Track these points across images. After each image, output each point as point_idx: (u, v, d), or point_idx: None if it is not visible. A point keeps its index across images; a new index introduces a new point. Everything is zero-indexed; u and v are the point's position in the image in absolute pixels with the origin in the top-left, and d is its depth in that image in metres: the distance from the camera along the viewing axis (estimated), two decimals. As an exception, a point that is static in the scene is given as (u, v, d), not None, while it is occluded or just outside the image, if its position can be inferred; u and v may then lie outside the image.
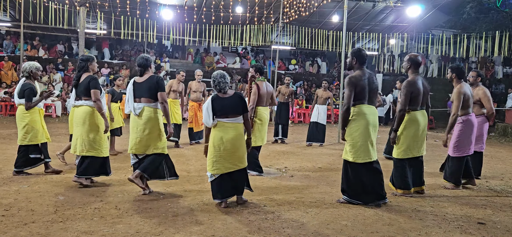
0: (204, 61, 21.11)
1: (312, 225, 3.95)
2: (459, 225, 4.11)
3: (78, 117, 5.15)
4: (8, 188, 4.90)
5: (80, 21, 14.56)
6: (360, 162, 4.60)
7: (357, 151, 4.59)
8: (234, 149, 4.45)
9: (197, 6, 17.41)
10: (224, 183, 4.45)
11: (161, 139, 4.86)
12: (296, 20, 18.25)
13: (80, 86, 5.15)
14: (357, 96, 4.61)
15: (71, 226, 3.67)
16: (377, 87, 4.80)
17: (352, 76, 4.65)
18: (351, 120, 4.65)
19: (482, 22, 18.90)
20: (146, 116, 4.77)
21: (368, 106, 4.66)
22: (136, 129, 4.80)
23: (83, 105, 5.14)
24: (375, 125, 4.70)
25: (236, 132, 4.48)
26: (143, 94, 4.81)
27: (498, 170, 7.37)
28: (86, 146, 5.10)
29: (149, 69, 4.92)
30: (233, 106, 4.47)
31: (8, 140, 8.82)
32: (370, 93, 4.67)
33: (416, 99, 5.09)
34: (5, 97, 15.06)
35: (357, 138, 4.59)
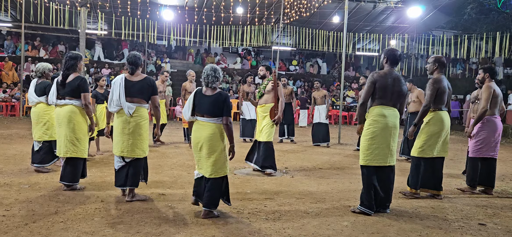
0: (205, 62, 21.13)
1: (312, 225, 3.95)
2: (460, 226, 4.10)
3: (63, 116, 4.96)
4: (9, 188, 4.90)
5: (81, 22, 14.57)
6: (374, 165, 4.37)
7: (371, 153, 4.37)
8: (207, 150, 4.05)
9: (198, 7, 17.42)
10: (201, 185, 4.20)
11: (146, 142, 4.72)
12: (297, 21, 18.26)
13: (67, 86, 4.95)
14: (377, 95, 4.39)
15: (72, 226, 3.67)
16: (401, 91, 4.45)
17: (374, 72, 4.48)
18: (369, 120, 4.44)
19: (483, 23, 18.87)
20: (138, 117, 4.59)
21: (389, 108, 4.40)
22: (128, 130, 4.55)
23: (67, 104, 4.97)
24: (395, 128, 4.43)
25: (212, 132, 4.06)
26: (136, 95, 4.60)
27: (499, 171, 7.34)
28: (70, 147, 4.93)
29: (140, 68, 4.75)
30: (212, 106, 4.07)
31: (9, 140, 8.82)
32: (393, 95, 4.40)
33: (441, 97, 5.00)
34: (5, 97, 15.07)
35: (373, 139, 4.36)
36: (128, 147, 4.56)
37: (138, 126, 4.58)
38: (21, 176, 5.58)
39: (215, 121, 4.08)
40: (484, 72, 5.62)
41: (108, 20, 17.53)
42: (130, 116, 4.55)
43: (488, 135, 5.51)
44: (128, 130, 4.56)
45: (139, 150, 4.60)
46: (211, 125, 4.07)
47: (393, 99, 4.43)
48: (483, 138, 5.51)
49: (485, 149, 5.53)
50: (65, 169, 4.94)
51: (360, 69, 23.48)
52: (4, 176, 5.54)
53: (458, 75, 21.32)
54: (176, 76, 19.43)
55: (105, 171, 6.02)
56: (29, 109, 15.01)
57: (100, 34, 18.52)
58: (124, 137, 4.57)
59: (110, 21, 17.38)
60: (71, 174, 4.94)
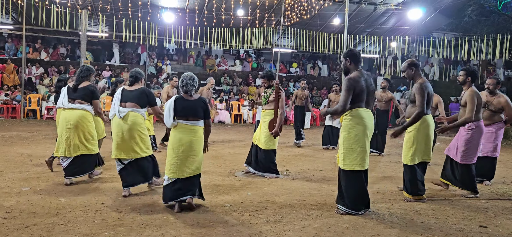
0: (206, 64, 21.14)
1: (313, 228, 3.94)
2: (461, 228, 4.10)
3: (72, 120, 5.38)
4: (10, 190, 4.90)
5: (82, 24, 14.59)
6: (357, 169, 4.34)
7: (355, 158, 4.34)
8: (192, 152, 4.39)
9: (199, 9, 17.44)
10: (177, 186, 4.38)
11: (145, 142, 5.04)
12: (297, 23, 18.27)
13: (79, 90, 5.47)
14: (355, 99, 4.33)
15: (72, 229, 3.67)
16: (374, 89, 4.55)
17: (350, 77, 4.34)
18: (347, 125, 4.38)
19: (483, 25, 18.86)
20: (131, 121, 4.91)
21: (366, 110, 4.42)
22: (122, 134, 4.89)
23: (78, 109, 5.43)
24: (371, 130, 4.46)
25: (195, 135, 4.42)
26: (131, 100, 4.99)
27: (500, 173, 7.34)
28: (81, 147, 5.41)
29: (140, 83, 5.17)
30: (195, 109, 4.42)
31: (10, 142, 8.83)
32: (368, 96, 4.42)
33: (429, 102, 4.97)
34: (6, 99, 15.10)
35: (356, 143, 4.33)
36: (121, 149, 4.94)
37: (131, 129, 4.91)
38: (22, 178, 5.59)
39: (199, 125, 4.47)
40: (466, 75, 5.49)
41: (109, 23, 17.56)
42: (121, 119, 4.91)
43: (477, 141, 5.48)
44: (123, 133, 4.91)
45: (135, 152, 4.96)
46: (196, 128, 4.45)
47: (367, 100, 4.43)
48: (474, 144, 5.45)
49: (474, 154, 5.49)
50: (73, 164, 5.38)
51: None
52: (5, 178, 5.54)
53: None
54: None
55: (105, 173, 6.02)
56: (31, 111, 15.04)
57: (101, 37, 18.54)
58: (118, 140, 4.93)
59: (111, 23, 17.40)
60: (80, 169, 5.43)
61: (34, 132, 10.96)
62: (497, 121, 6.12)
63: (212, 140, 10.32)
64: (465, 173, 5.47)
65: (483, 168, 6.20)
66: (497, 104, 6.04)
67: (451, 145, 5.71)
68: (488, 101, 6.13)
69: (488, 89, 6.13)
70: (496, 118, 6.11)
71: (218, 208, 4.51)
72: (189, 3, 17.24)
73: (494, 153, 6.23)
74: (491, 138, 6.18)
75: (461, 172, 5.50)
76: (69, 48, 20.27)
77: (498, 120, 6.12)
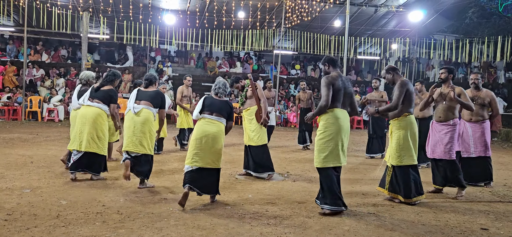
0: (206, 66, 21.16)
1: (314, 230, 3.94)
2: (462, 231, 4.09)
3: (89, 116, 5.67)
4: (11, 192, 4.91)
5: (83, 26, 14.63)
6: (331, 166, 4.47)
7: (328, 155, 4.44)
8: (214, 146, 4.71)
9: (200, 11, 17.48)
10: (198, 176, 4.67)
11: (152, 140, 5.41)
12: (298, 25, 18.29)
13: (100, 91, 5.79)
14: (332, 98, 4.47)
15: (73, 231, 3.67)
16: (351, 92, 4.66)
17: (328, 75, 4.56)
18: (323, 124, 4.51)
19: (484, 27, 18.88)
20: (143, 116, 5.33)
21: (342, 111, 4.55)
22: (133, 127, 5.30)
23: (95, 106, 5.71)
24: (347, 131, 4.55)
25: (218, 129, 4.78)
26: (145, 99, 5.44)
27: (501, 175, 7.34)
28: (92, 143, 5.63)
29: (154, 86, 5.62)
30: (221, 108, 4.87)
31: (11, 144, 8.84)
32: (345, 97, 4.56)
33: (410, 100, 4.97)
34: (7, 101, 15.13)
35: (330, 142, 4.44)
36: (131, 142, 5.30)
37: (144, 124, 5.30)
38: (23, 180, 5.59)
39: (222, 121, 4.85)
40: (448, 72, 5.57)
41: (110, 25, 17.59)
42: (135, 114, 5.33)
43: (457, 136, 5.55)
44: (134, 127, 5.30)
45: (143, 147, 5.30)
46: (219, 123, 4.82)
47: (344, 102, 4.57)
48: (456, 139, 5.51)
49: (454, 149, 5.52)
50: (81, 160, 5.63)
51: (362, 73, 23.48)
52: (6, 180, 5.55)
53: (460, 79, 21.30)
54: (178, 80, 19.46)
55: (107, 176, 6.02)
56: (31, 113, 15.07)
57: (102, 39, 18.58)
58: (130, 133, 5.31)
59: (112, 25, 17.44)
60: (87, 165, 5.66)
61: (35, 134, 10.97)
62: (485, 118, 6.11)
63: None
64: (455, 169, 5.48)
65: (478, 169, 6.16)
66: (486, 96, 6.04)
67: (432, 147, 5.64)
68: (476, 96, 6.10)
69: (474, 84, 6.14)
70: (484, 114, 6.10)
71: (219, 210, 4.51)
72: (190, 5, 17.28)
73: (487, 152, 6.13)
74: (482, 136, 6.12)
75: (451, 168, 5.48)
76: (70, 50, 20.31)
77: (486, 116, 6.11)
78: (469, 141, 6.17)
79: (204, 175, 4.69)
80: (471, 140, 6.16)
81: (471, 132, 6.16)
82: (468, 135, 6.19)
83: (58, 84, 16.95)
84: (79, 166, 5.65)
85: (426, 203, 5.12)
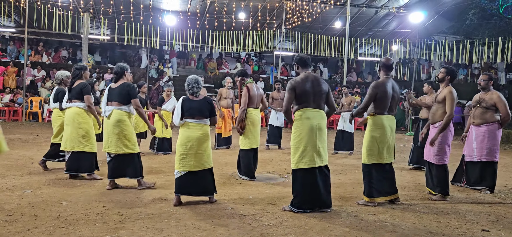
0: (207, 67, 21.16)
1: (315, 231, 3.94)
2: (463, 232, 4.09)
3: (69, 117, 5.75)
4: (11, 193, 4.91)
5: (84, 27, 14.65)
6: (302, 167, 4.48)
7: (299, 156, 4.48)
8: (200, 148, 4.71)
9: (200, 12, 17.49)
10: (187, 181, 4.70)
11: (130, 139, 5.27)
12: (299, 26, 18.30)
13: (73, 90, 5.79)
14: (300, 100, 4.55)
15: (73, 232, 3.67)
16: (323, 90, 4.63)
17: (292, 80, 4.61)
18: (294, 124, 4.59)
19: (485, 28, 18.87)
20: (114, 118, 5.25)
21: (313, 110, 4.56)
22: (107, 129, 5.29)
23: (73, 106, 5.75)
24: (320, 129, 4.54)
25: (202, 132, 4.75)
26: (114, 98, 5.31)
27: (502, 177, 7.32)
28: (76, 142, 5.70)
29: (124, 77, 5.40)
30: (200, 109, 4.76)
31: (12, 145, 8.84)
32: (315, 96, 4.57)
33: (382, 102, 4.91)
34: (8, 102, 15.14)
35: (300, 143, 4.50)
36: (109, 143, 5.27)
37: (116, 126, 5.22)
38: (23, 181, 5.59)
39: (205, 123, 4.78)
40: (447, 73, 5.35)
41: (110, 26, 17.61)
42: (107, 118, 5.30)
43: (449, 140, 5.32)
44: (108, 129, 5.26)
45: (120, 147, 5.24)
46: (202, 126, 4.75)
47: (315, 101, 4.58)
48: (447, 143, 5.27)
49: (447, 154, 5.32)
50: (69, 160, 5.73)
51: (362, 74, 23.48)
52: (6, 181, 5.55)
53: (460, 81, 21.29)
54: (178, 81, 19.47)
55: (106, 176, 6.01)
56: (32, 114, 15.08)
57: (102, 40, 18.60)
58: (106, 135, 5.30)
59: (113, 26, 17.45)
60: (77, 164, 5.71)
61: (35, 134, 10.97)
62: (490, 120, 5.82)
63: (212, 143, 10.31)
64: (441, 174, 5.30)
65: (480, 173, 5.92)
66: (490, 100, 5.81)
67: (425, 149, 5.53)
68: (481, 98, 5.91)
69: (480, 85, 5.95)
70: (487, 117, 5.82)
71: (220, 211, 4.50)
72: (190, 6, 17.29)
73: (490, 157, 5.85)
74: (484, 140, 5.85)
75: (437, 173, 5.33)
76: (71, 51, 20.33)
77: (491, 119, 5.82)
78: (472, 144, 5.97)
79: (196, 178, 4.72)
80: (474, 144, 5.95)
81: (474, 135, 5.96)
82: (472, 138, 5.99)
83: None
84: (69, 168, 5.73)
85: (427, 205, 5.11)
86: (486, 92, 5.92)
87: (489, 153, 5.87)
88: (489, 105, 5.82)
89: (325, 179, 4.60)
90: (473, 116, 6.02)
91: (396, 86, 5.08)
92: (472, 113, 6.08)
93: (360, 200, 5.09)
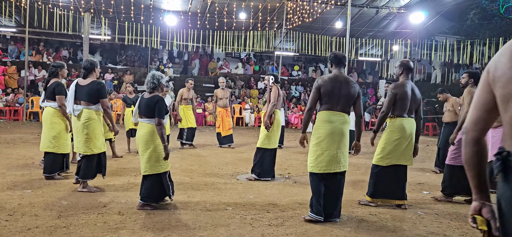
0: (207, 67, 21.16)
1: (315, 231, 3.93)
2: (464, 233, 4.08)
3: (44, 117, 5.71)
4: (12, 193, 4.91)
5: (85, 27, 14.64)
6: (317, 172, 4.24)
7: (315, 160, 4.26)
8: (142, 149, 4.43)
9: (201, 12, 17.48)
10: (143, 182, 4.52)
11: (99, 139, 5.15)
12: (299, 26, 18.29)
13: (47, 89, 5.65)
14: (324, 100, 4.28)
15: (74, 232, 3.67)
16: (351, 93, 4.31)
17: (319, 77, 4.34)
18: (315, 126, 4.35)
19: (486, 29, 18.86)
20: (84, 118, 5.06)
21: (337, 114, 4.28)
22: (76, 129, 5.13)
23: (47, 106, 5.65)
24: (342, 134, 4.29)
25: (145, 131, 4.40)
26: (83, 97, 5.05)
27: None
28: (47, 143, 5.63)
29: (93, 73, 5.15)
30: (146, 107, 4.40)
31: (12, 145, 8.85)
32: (341, 98, 4.27)
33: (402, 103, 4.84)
34: (9, 101, 15.14)
35: (317, 146, 4.25)
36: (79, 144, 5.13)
37: (85, 126, 5.05)
38: (24, 180, 5.59)
39: (150, 122, 4.41)
40: (469, 77, 5.44)
41: (111, 26, 17.61)
42: (76, 117, 5.10)
43: None
44: (77, 129, 5.11)
45: (89, 147, 5.09)
46: (145, 125, 4.43)
47: (341, 103, 4.30)
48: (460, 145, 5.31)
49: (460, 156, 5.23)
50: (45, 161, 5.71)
51: (363, 74, 23.47)
52: (7, 180, 5.55)
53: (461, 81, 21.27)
54: (178, 81, 19.48)
55: (107, 175, 6.01)
56: (32, 114, 15.08)
57: (103, 40, 18.59)
58: (76, 135, 5.17)
59: (114, 26, 17.45)
60: (50, 166, 5.65)
61: (36, 134, 10.97)
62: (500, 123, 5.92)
63: (213, 143, 10.33)
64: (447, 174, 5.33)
65: None
66: None
67: None
68: None
69: None
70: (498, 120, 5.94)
71: (220, 211, 4.50)
72: (191, 6, 17.29)
73: None
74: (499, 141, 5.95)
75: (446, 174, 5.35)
76: (72, 51, 20.32)
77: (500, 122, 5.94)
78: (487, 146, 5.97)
79: (145, 182, 4.47)
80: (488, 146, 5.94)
81: (490, 137, 5.80)
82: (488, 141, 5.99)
83: (59, 84, 16.95)
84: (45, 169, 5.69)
85: (428, 206, 5.10)
86: None
87: None
88: None
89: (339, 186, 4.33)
90: None
91: (416, 88, 4.97)
92: None
93: (362, 200, 5.08)
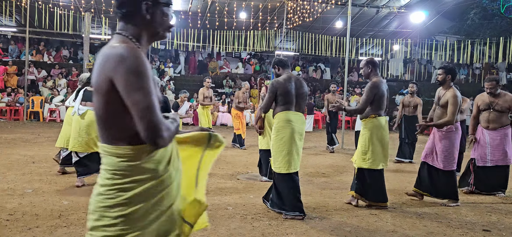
0: (208, 67, 21.16)
1: (316, 231, 3.94)
2: (464, 232, 4.08)
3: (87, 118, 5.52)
4: (13, 193, 4.91)
5: (85, 27, 14.66)
6: (285, 172, 4.30)
7: (282, 160, 4.31)
8: None
9: (201, 12, 17.48)
10: None
11: None
12: (300, 26, 18.28)
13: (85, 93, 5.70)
14: (282, 101, 4.36)
15: (75, 231, 3.67)
16: (305, 92, 4.50)
17: (274, 80, 4.43)
18: (276, 127, 4.39)
19: (486, 28, 18.86)
20: (88, 119, 5.34)
21: (295, 113, 4.38)
22: (79, 129, 5.36)
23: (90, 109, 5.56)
24: (301, 133, 4.40)
25: None
26: (90, 99, 5.32)
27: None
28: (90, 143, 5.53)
29: None
30: None
31: (13, 144, 8.85)
32: (298, 98, 4.40)
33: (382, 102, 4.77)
34: (9, 101, 15.15)
35: (282, 146, 4.31)
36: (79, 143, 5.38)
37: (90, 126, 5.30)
38: (25, 180, 5.60)
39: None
40: (446, 73, 5.11)
41: (112, 25, 17.61)
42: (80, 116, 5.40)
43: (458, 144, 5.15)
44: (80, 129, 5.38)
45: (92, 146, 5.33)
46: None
47: (298, 103, 4.42)
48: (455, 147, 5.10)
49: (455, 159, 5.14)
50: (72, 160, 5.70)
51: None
52: (7, 180, 5.55)
53: (461, 81, 21.26)
54: (178, 81, 19.48)
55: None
56: (33, 114, 15.09)
57: (104, 39, 18.59)
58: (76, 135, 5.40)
59: (114, 26, 17.45)
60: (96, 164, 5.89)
61: (36, 134, 10.98)
62: (505, 124, 5.74)
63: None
64: (449, 180, 5.10)
65: (495, 178, 5.79)
66: (504, 102, 5.68)
67: (426, 151, 5.29)
68: (492, 102, 5.75)
69: (487, 91, 5.78)
70: (503, 120, 5.74)
71: (221, 210, 4.50)
72: (191, 6, 17.29)
73: (505, 161, 5.74)
74: (501, 144, 5.73)
75: (444, 180, 5.11)
76: (72, 50, 20.33)
77: (506, 122, 5.75)
78: (486, 149, 5.81)
79: None
80: (488, 148, 5.79)
81: (489, 140, 5.79)
82: (485, 142, 5.82)
83: (60, 84, 16.97)
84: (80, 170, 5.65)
85: (428, 205, 5.11)
86: (496, 97, 5.76)
87: (504, 157, 5.75)
88: (504, 108, 5.73)
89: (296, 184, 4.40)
90: (487, 120, 5.81)
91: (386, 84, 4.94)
92: (484, 117, 5.87)
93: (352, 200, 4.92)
